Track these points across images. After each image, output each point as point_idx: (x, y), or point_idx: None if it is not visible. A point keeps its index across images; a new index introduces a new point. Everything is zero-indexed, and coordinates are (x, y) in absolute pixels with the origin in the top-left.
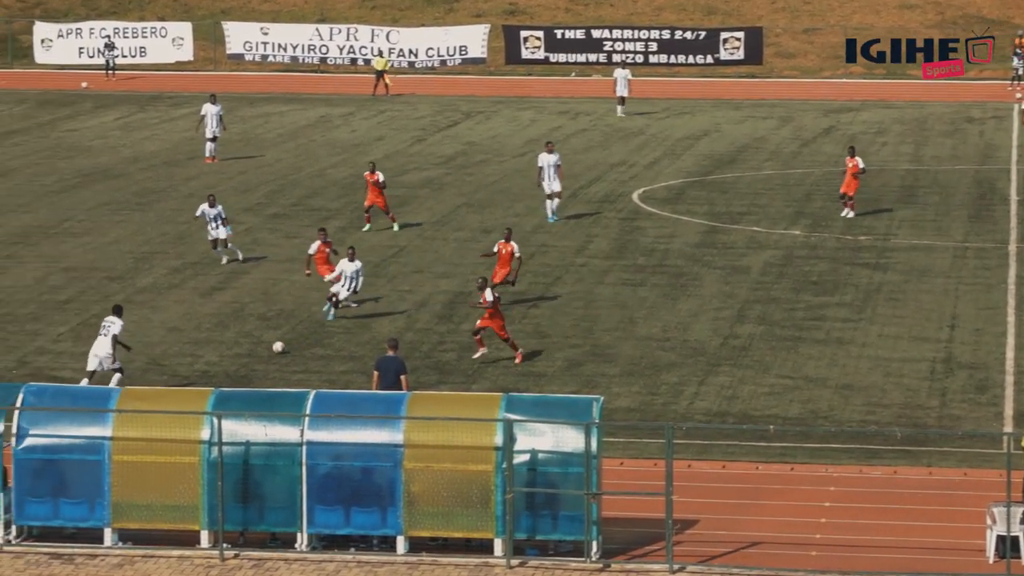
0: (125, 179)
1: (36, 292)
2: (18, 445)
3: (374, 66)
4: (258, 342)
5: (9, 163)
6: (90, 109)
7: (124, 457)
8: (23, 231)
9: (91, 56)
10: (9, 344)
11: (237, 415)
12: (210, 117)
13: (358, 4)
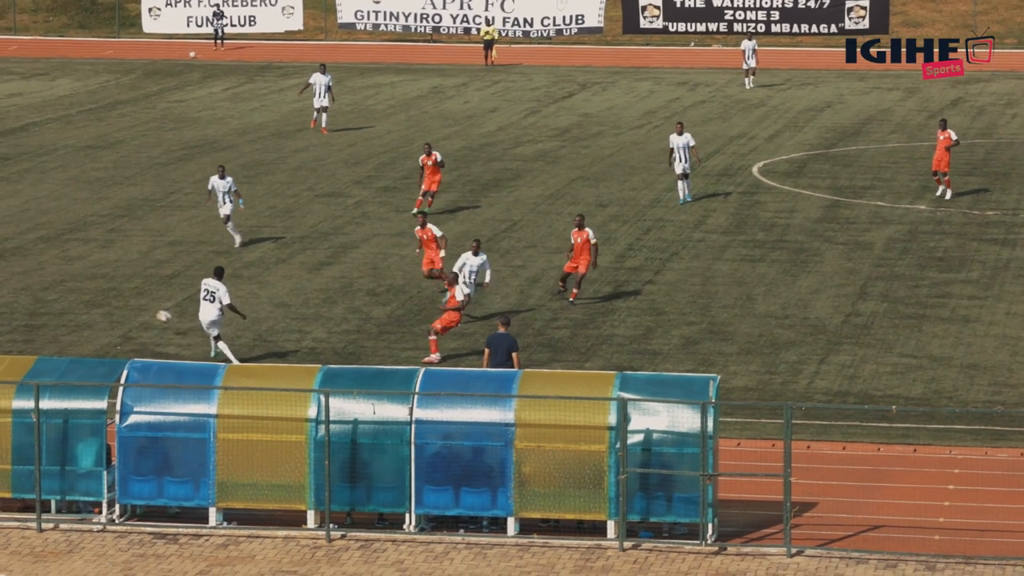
0: (233, 151)
1: (141, 266)
2: (122, 423)
3: (482, 36)
4: (367, 318)
5: (116, 135)
6: (198, 79)
7: (229, 435)
8: (129, 204)
9: (199, 25)
10: (114, 319)
11: (345, 393)
12: (319, 87)
13: None
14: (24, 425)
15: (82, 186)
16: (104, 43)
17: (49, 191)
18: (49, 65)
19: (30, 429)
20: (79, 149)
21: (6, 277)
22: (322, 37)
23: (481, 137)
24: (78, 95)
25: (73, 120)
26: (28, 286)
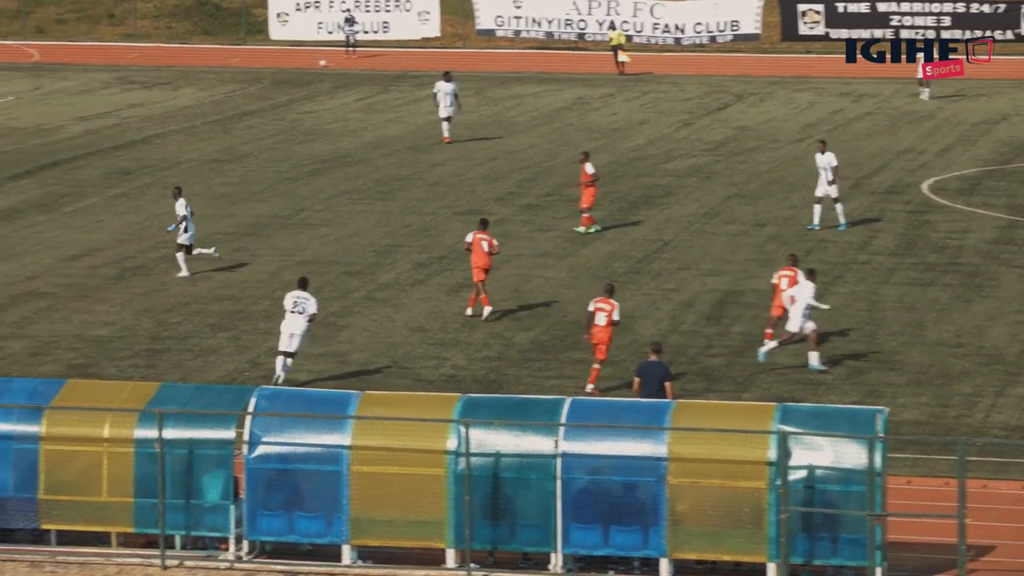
0: (366, 165)
1: (270, 288)
2: (250, 453)
3: (609, 42)
4: (509, 344)
5: (242, 148)
6: (329, 89)
7: (364, 468)
8: (256, 221)
9: (330, 32)
10: (241, 344)
11: (486, 423)
12: (443, 96)
13: None
14: (147, 456)
15: (207, 202)
16: (230, 50)
17: (172, 207)
18: (172, 74)
19: (154, 460)
20: (204, 163)
21: (127, 298)
22: (460, 44)
23: (630, 151)
24: (202, 105)
25: (197, 132)
26: (151, 308)
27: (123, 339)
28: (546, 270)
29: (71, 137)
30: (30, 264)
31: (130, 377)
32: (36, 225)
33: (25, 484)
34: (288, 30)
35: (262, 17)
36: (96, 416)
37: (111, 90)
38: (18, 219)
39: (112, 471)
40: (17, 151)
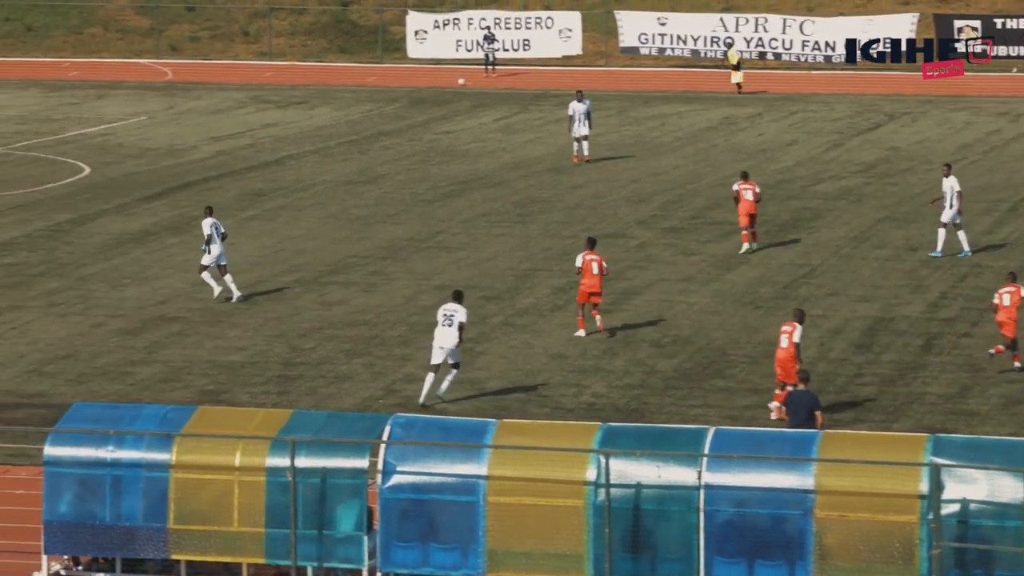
0: (504, 187)
1: (405, 312)
2: (384, 483)
3: (726, 60)
4: (651, 372)
5: (378, 168)
6: (467, 109)
7: (501, 498)
8: (392, 244)
9: (469, 49)
10: (375, 370)
11: (627, 453)
12: (578, 116)
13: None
14: (279, 485)
15: (342, 224)
16: (366, 69)
17: (306, 230)
18: (307, 93)
19: (286, 489)
20: (339, 184)
21: (260, 323)
22: (602, 63)
23: (777, 173)
24: (338, 125)
25: (332, 153)
26: (283, 333)
27: (255, 365)
28: (689, 295)
29: (204, 158)
30: (161, 288)
31: (262, 404)
32: (168, 248)
33: (155, 514)
34: (426, 48)
35: (399, 35)
36: (227, 444)
37: (245, 109)
38: (150, 241)
39: (243, 500)
40: (149, 172)
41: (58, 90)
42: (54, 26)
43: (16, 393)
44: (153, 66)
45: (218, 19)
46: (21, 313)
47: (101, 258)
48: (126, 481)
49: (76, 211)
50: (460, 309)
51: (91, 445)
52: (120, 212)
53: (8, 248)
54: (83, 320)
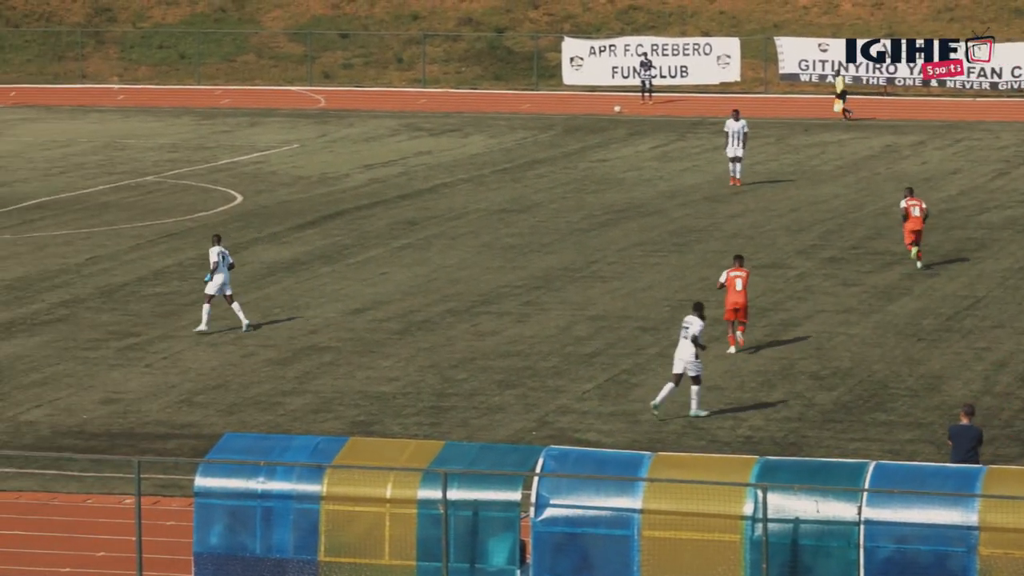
0: (661, 216)
1: (559, 343)
2: (537, 516)
3: (835, 86)
4: (810, 405)
5: (532, 197)
6: (623, 136)
7: (655, 532)
8: (546, 274)
9: (625, 76)
10: (528, 402)
11: (785, 488)
12: (732, 135)
13: (932, 16)
14: (431, 517)
15: (495, 253)
16: (521, 96)
17: (459, 259)
18: (461, 120)
19: (437, 522)
20: (492, 213)
21: (412, 353)
22: (761, 89)
23: (941, 202)
24: (492, 153)
25: (486, 181)
26: (436, 363)
27: (407, 395)
28: (850, 327)
29: (356, 186)
30: (313, 318)
31: (414, 435)
32: (320, 277)
33: (305, 546)
34: (582, 75)
35: (555, 61)
36: (379, 475)
37: (398, 137)
38: (301, 270)
39: (394, 533)
40: (301, 200)
41: (211, 118)
42: (207, 54)
43: (167, 424)
44: (306, 93)
45: (372, 46)
46: (172, 343)
47: (253, 287)
48: (277, 513)
49: (228, 240)
50: (695, 321)
51: (242, 476)
52: (272, 241)
53: (160, 277)
54: (234, 350)
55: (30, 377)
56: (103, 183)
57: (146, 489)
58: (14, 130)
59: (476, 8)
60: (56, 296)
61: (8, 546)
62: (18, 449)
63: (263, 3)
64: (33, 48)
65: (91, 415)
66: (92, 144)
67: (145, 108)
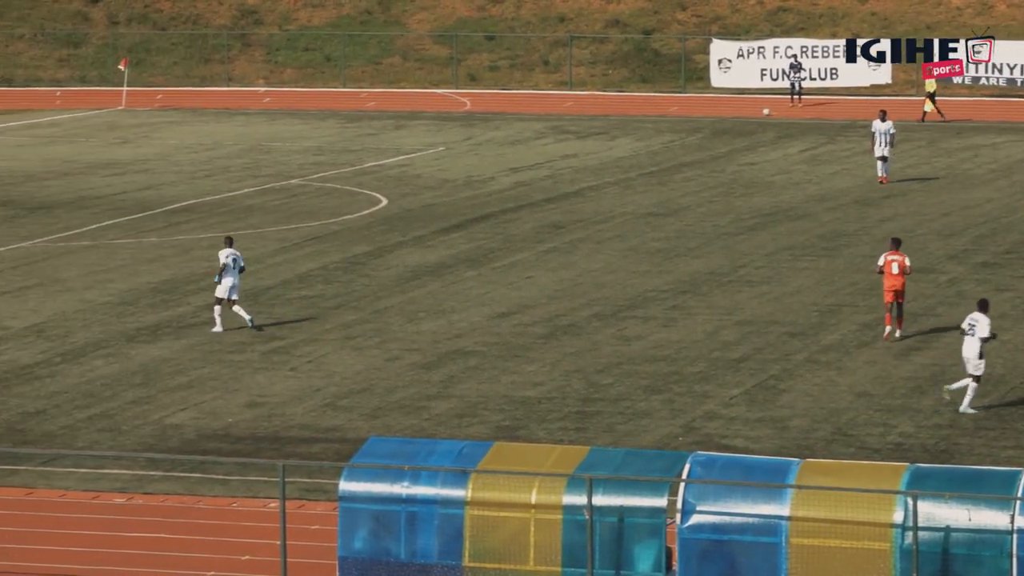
0: (810, 220)
1: (706, 348)
2: (684, 523)
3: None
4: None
5: (679, 200)
6: (772, 139)
7: (804, 540)
8: (693, 278)
9: (774, 79)
10: (675, 407)
11: (936, 496)
12: (879, 136)
13: None
14: (576, 523)
15: (641, 258)
16: (668, 98)
17: (605, 263)
18: (607, 123)
19: (582, 528)
20: (638, 216)
21: (558, 358)
22: (912, 92)
23: None
24: (639, 156)
25: (633, 184)
26: (581, 368)
27: (552, 400)
28: (1002, 333)
29: (502, 189)
30: (458, 322)
31: (559, 440)
32: (465, 280)
33: (450, 551)
34: (730, 77)
35: (703, 64)
36: (523, 481)
37: (544, 140)
38: (447, 274)
39: (539, 539)
40: (447, 203)
41: (356, 121)
42: (353, 56)
43: (311, 427)
44: (451, 96)
45: (518, 48)
46: (317, 346)
47: (397, 291)
48: (421, 517)
49: (373, 243)
50: (982, 319)
51: (386, 481)
52: (417, 244)
53: (305, 280)
54: (379, 354)
55: (176, 380)
56: (248, 186)
57: (291, 493)
58: (160, 133)
59: (623, 10)
60: (201, 299)
61: (154, 549)
62: (164, 452)
63: (409, 5)
64: (180, 51)
65: (236, 418)
66: (238, 147)
67: (291, 111)
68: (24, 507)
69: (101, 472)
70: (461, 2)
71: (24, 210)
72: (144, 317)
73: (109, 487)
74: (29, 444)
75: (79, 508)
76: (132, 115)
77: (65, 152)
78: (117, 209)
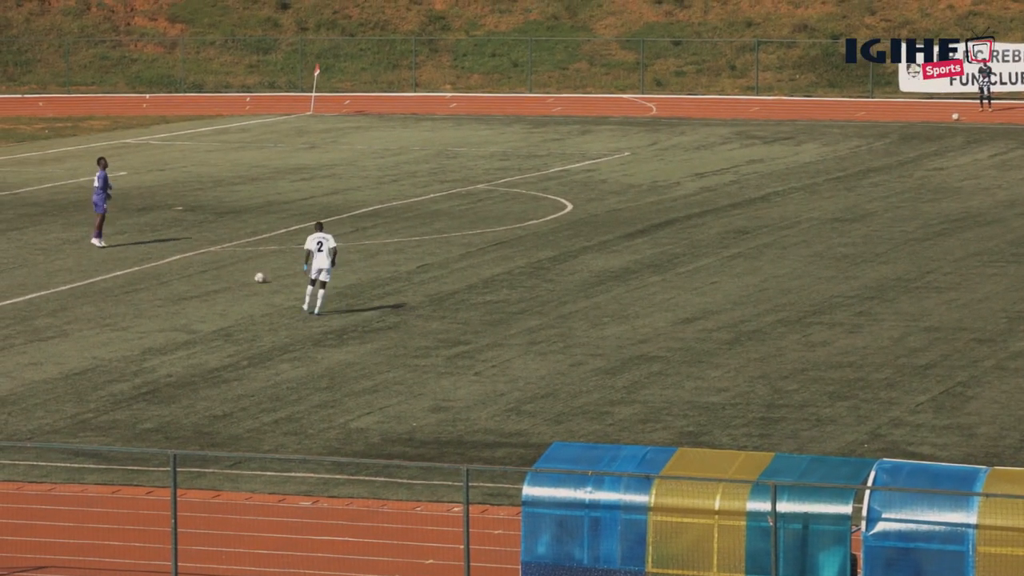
0: (1000, 225)
1: (892, 354)
2: (869, 530)
3: None
4: None
5: (867, 206)
6: (960, 144)
7: (991, 549)
8: (879, 284)
9: (964, 83)
10: (860, 413)
11: None
12: None
13: None
14: (760, 530)
15: (827, 263)
16: (856, 103)
17: (791, 268)
18: (794, 128)
19: (767, 534)
20: (824, 222)
21: (742, 364)
22: None
23: None
24: (825, 161)
25: (819, 189)
26: (766, 374)
27: (736, 406)
28: None
29: (687, 194)
30: (642, 327)
31: (743, 446)
32: (649, 286)
33: (633, 557)
34: (919, 82)
35: (891, 69)
36: (707, 487)
37: (729, 145)
38: (631, 279)
39: (723, 545)
40: (632, 208)
41: (542, 126)
42: (540, 61)
43: (496, 432)
44: (637, 101)
45: (704, 53)
46: (501, 351)
47: (582, 296)
48: (604, 523)
49: (557, 248)
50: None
51: (570, 486)
52: (602, 249)
53: (490, 285)
54: (563, 359)
55: (361, 384)
56: (434, 191)
57: (474, 497)
58: (348, 138)
59: (811, 14)
60: (387, 303)
61: (338, 553)
62: (349, 456)
63: (596, 11)
64: (367, 56)
65: (420, 423)
66: (424, 152)
67: (477, 116)
68: (211, 509)
69: (287, 475)
70: (648, 7)
71: (213, 214)
72: (330, 321)
73: (295, 490)
74: (216, 447)
75: (265, 511)
76: (320, 120)
77: (254, 157)
78: (305, 214)
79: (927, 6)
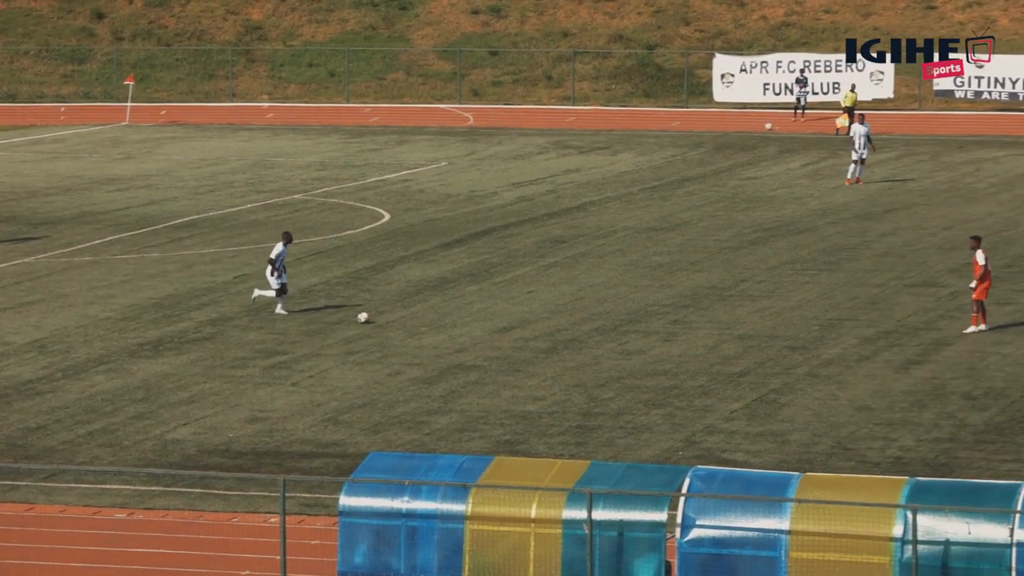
0: (812, 234)
1: (707, 362)
2: (683, 537)
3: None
4: (961, 425)
5: (681, 215)
6: (774, 154)
7: (803, 554)
8: (694, 292)
9: (777, 93)
10: (675, 421)
11: (935, 509)
12: (857, 138)
13: None
14: (575, 538)
15: (643, 272)
16: (671, 113)
17: (607, 277)
18: (610, 138)
19: (582, 542)
20: (640, 231)
21: (558, 372)
22: (915, 106)
23: None
24: (641, 171)
25: (634, 199)
26: (582, 383)
27: (553, 415)
28: (1003, 347)
29: (504, 204)
30: (459, 336)
31: (560, 455)
32: (466, 295)
33: (450, 565)
34: (732, 92)
35: (705, 78)
36: (523, 495)
37: (546, 155)
38: (448, 289)
39: (539, 553)
40: (449, 218)
41: (359, 136)
42: (357, 72)
43: (312, 442)
44: (455, 111)
45: (521, 63)
46: (319, 361)
47: (399, 305)
48: (421, 532)
49: (375, 258)
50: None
51: (387, 495)
52: (419, 259)
53: (307, 295)
54: (380, 368)
55: (177, 395)
56: (251, 201)
57: (291, 508)
58: (164, 148)
59: (627, 25)
60: (203, 314)
61: (154, 565)
62: (165, 468)
63: (413, 21)
64: (184, 67)
65: (237, 434)
66: (241, 162)
67: (294, 126)
68: (25, 523)
69: (102, 487)
70: (465, 17)
71: (27, 225)
72: (146, 332)
73: (110, 502)
74: (30, 459)
75: (80, 524)
76: (136, 131)
77: (69, 168)
78: (120, 225)
79: (740, 17)
